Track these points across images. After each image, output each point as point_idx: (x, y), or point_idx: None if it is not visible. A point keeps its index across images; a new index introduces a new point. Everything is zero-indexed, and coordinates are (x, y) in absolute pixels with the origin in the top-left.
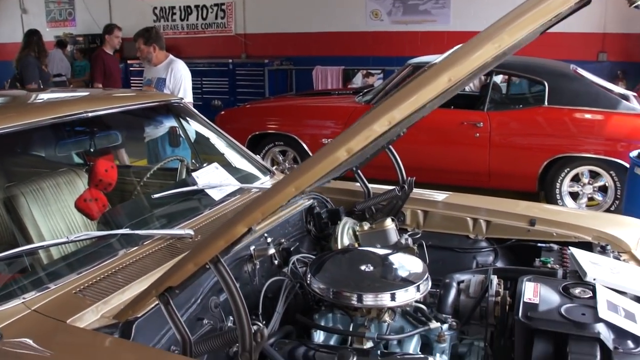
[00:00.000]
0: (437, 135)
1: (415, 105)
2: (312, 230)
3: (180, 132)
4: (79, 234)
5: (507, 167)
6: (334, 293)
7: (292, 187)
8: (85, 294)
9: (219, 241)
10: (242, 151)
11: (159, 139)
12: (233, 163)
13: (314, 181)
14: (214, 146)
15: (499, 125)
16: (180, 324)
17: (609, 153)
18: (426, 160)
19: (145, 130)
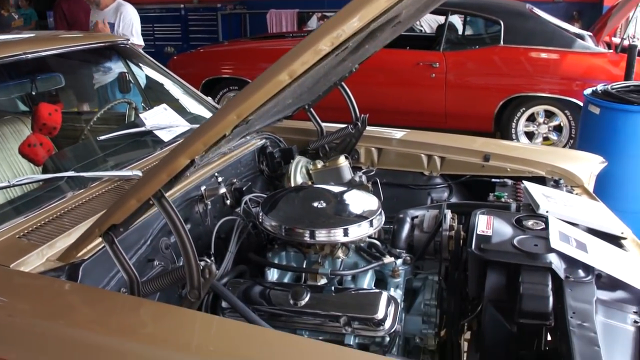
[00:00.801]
0: (393, 76)
1: (361, 22)
2: (265, 170)
3: (129, 78)
4: (22, 178)
5: (463, 107)
6: (286, 230)
7: (234, 115)
8: (29, 238)
9: (161, 175)
10: (193, 93)
11: (108, 85)
12: (184, 105)
13: (257, 107)
14: (164, 89)
15: (455, 66)
16: (127, 263)
17: (564, 92)
18: (382, 102)
19: (94, 77)
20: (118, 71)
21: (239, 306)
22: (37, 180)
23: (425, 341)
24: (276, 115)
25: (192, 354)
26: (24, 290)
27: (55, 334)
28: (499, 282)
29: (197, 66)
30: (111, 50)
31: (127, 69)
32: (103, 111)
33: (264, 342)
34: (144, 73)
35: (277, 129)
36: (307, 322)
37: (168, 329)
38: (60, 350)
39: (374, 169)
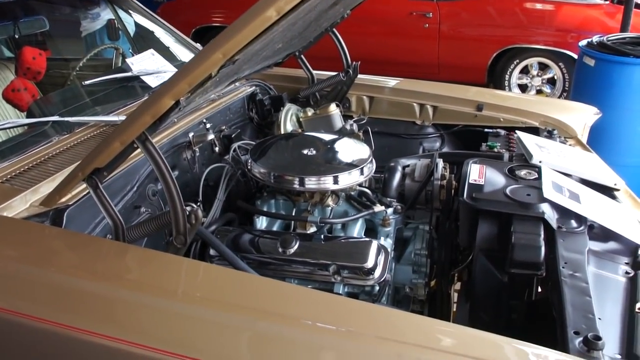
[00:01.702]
0: (385, 26)
1: None
2: (254, 118)
3: (118, 25)
4: (5, 122)
5: (456, 58)
6: (275, 177)
7: (220, 54)
8: (13, 182)
9: (145, 117)
10: (183, 40)
11: (97, 32)
12: (174, 52)
13: (243, 45)
14: (154, 37)
15: (448, 16)
16: (111, 208)
17: (558, 44)
18: (374, 52)
19: (82, 24)
20: (106, 18)
21: (227, 254)
22: (21, 125)
23: (415, 291)
24: (266, 60)
25: (178, 300)
26: (8, 236)
27: (40, 280)
28: (490, 232)
29: (187, 14)
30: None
31: (115, 16)
32: (89, 56)
33: (252, 289)
34: (133, 19)
35: (267, 77)
36: (295, 270)
37: (154, 275)
38: (45, 295)
39: (365, 117)
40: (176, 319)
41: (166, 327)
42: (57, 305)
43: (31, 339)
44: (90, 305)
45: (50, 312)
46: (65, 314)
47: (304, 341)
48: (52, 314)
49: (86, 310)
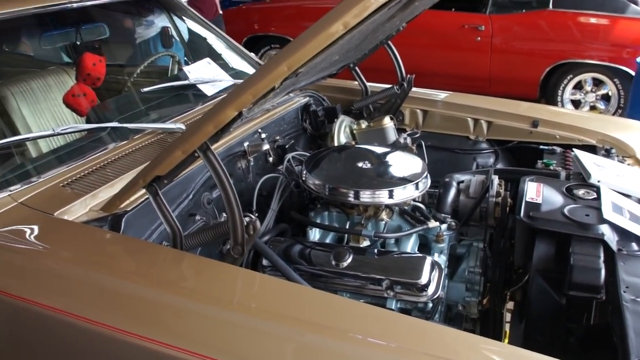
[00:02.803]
0: (437, 38)
1: None
2: (308, 129)
3: (172, 32)
4: (66, 127)
5: (508, 72)
6: (330, 189)
7: (284, 66)
8: (73, 187)
9: (208, 127)
10: (236, 48)
11: (151, 39)
12: (227, 60)
13: (309, 59)
14: (208, 44)
15: (501, 29)
16: (170, 216)
17: (614, 60)
18: (425, 65)
19: (137, 31)
20: (161, 25)
21: (280, 265)
22: (81, 130)
23: (468, 309)
24: (322, 72)
25: (234, 310)
26: (68, 239)
27: (97, 283)
28: (547, 252)
29: (239, 23)
30: (155, 3)
31: (170, 23)
32: (147, 63)
33: (308, 301)
34: (188, 27)
35: (320, 88)
36: (347, 284)
37: (210, 284)
38: (101, 299)
39: (418, 131)
40: (230, 328)
41: (219, 336)
42: (112, 309)
43: (84, 340)
44: (145, 310)
45: (105, 315)
46: (119, 318)
47: (354, 355)
48: (107, 317)
49: (140, 315)
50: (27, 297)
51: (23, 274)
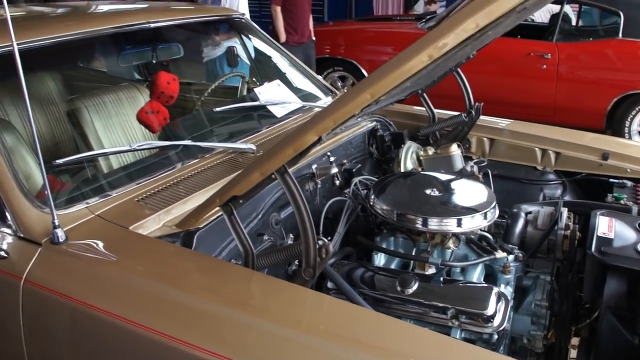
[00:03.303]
0: (502, 65)
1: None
2: (374, 153)
3: (237, 52)
4: (142, 143)
5: (573, 102)
6: (397, 215)
7: (368, 94)
8: (147, 202)
9: (287, 150)
10: (304, 70)
11: (217, 58)
12: (295, 82)
13: (392, 88)
14: (277, 65)
15: (567, 58)
16: (243, 235)
17: None
18: (489, 92)
19: (205, 49)
20: (227, 45)
21: (346, 288)
22: (156, 147)
23: (533, 343)
24: (392, 98)
25: (302, 331)
26: (141, 252)
27: (168, 297)
28: (619, 289)
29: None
30: (226, 24)
31: (241, 44)
32: (218, 83)
33: (376, 326)
34: (257, 48)
35: (387, 112)
36: (411, 310)
37: (279, 304)
38: (171, 313)
39: (485, 159)
40: (298, 348)
41: (287, 355)
42: (180, 323)
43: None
44: (213, 326)
45: (173, 329)
46: (187, 332)
47: None
48: (175, 330)
49: (208, 330)
50: (94, 303)
51: (93, 281)
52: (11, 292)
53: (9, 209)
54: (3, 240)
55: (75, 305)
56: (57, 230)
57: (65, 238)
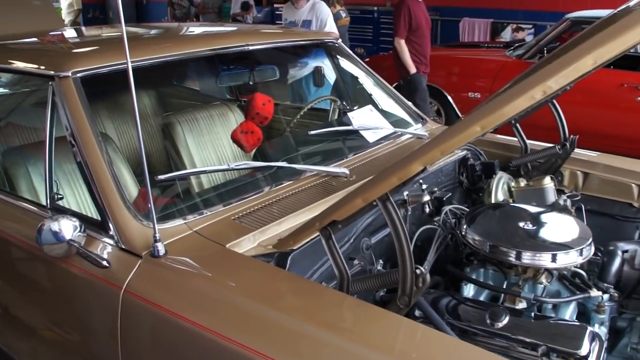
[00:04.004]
0: (594, 96)
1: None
2: (464, 182)
3: (324, 72)
4: (240, 163)
5: None
6: (490, 247)
7: (478, 127)
8: (242, 221)
9: (392, 178)
10: (395, 96)
11: (304, 78)
12: (386, 107)
13: (502, 122)
14: (366, 89)
15: None
16: (340, 260)
17: None
18: (580, 123)
19: (294, 69)
20: (314, 65)
21: (434, 318)
22: (253, 167)
23: None
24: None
25: (395, 358)
26: (235, 270)
27: (261, 315)
28: None
29: (389, 69)
30: (321, 46)
31: (333, 66)
32: (310, 105)
33: (471, 358)
34: (349, 71)
35: (478, 142)
36: (500, 344)
37: (373, 330)
38: (263, 331)
39: (578, 194)
40: None
41: None
42: (271, 341)
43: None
44: (305, 347)
45: (264, 346)
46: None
47: None
48: (266, 348)
49: (299, 351)
50: (190, 317)
51: (190, 295)
52: (111, 301)
53: (112, 220)
54: (104, 250)
55: (171, 317)
56: (157, 244)
57: (164, 252)
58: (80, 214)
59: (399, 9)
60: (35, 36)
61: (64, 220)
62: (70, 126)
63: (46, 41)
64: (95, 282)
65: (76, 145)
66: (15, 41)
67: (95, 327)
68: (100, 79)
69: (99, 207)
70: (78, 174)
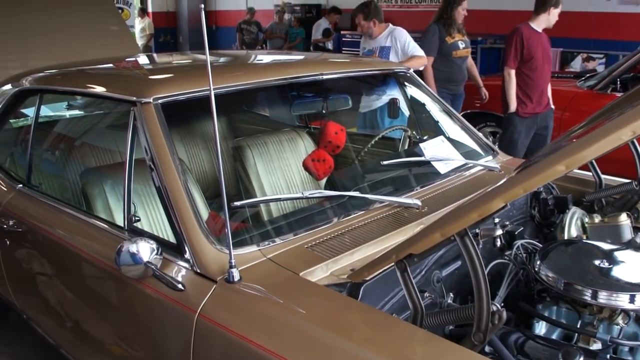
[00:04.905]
0: None
1: None
2: (535, 216)
3: (399, 104)
4: (313, 191)
5: None
6: (564, 284)
7: (562, 166)
8: (315, 250)
9: (472, 214)
10: (466, 127)
11: (378, 109)
12: (456, 137)
13: (588, 161)
14: (437, 118)
15: None
16: (415, 293)
17: None
18: None
19: (365, 98)
20: (390, 95)
21: (506, 355)
22: (326, 196)
23: None
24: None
25: None
26: (308, 298)
27: (331, 344)
28: None
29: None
30: (393, 76)
31: (404, 97)
32: (382, 134)
33: None
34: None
35: None
36: None
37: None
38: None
39: None
40: None
41: None
42: None
43: None
44: None
45: None
46: None
47: None
48: None
49: None
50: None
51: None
52: (185, 323)
53: (188, 244)
54: (179, 274)
55: (243, 342)
56: (233, 270)
57: (239, 278)
58: (157, 237)
59: (511, 36)
60: (111, 62)
61: (142, 242)
62: (150, 150)
63: (123, 67)
64: (170, 304)
65: (155, 169)
66: (93, 67)
67: (167, 348)
68: (176, 105)
69: (176, 231)
70: (152, 196)
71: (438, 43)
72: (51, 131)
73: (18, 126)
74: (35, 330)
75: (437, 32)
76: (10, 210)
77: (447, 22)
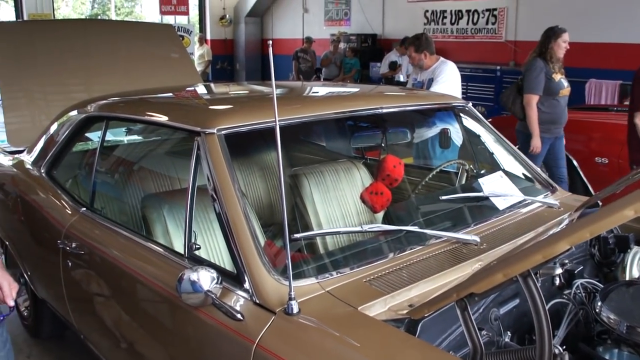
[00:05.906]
0: None
1: None
2: (595, 255)
3: (450, 134)
4: (372, 225)
5: None
6: (627, 327)
7: (631, 210)
8: (374, 284)
9: (536, 255)
10: (524, 162)
11: (430, 139)
12: (514, 172)
13: None
14: (495, 153)
15: None
16: (475, 332)
17: None
18: None
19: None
20: (441, 126)
21: None
22: (384, 230)
23: None
24: None
25: None
26: (369, 334)
27: None
28: None
29: (509, 130)
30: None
31: (462, 131)
32: (439, 168)
33: None
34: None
35: None
36: None
37: None
38: None
39: None
40: None
41: None
42: None
43: None
44: None
45: None
46: None
47: None
48: None
49: None
50: None
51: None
52: (243, 354)
53: (248, 275)
54: (238, 303)
55: None
56: (292, 302)
57: (298, 310)
58: (216, 266)
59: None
60: (171, 91)
61: (203, 271)
62: (212, 180)
63: (183, 97)
64: (229, 333)
65: (217, 198)
66: (153, 95)
67: None
68: (238, 136)
69: (236, 261)
70: (210, 224)
71: (545, 81)
72: (112, 156)
73: (77, 150)
74: (91, 350)
75: (543, 69)
76: (74, 233)
77: (547, 58)
